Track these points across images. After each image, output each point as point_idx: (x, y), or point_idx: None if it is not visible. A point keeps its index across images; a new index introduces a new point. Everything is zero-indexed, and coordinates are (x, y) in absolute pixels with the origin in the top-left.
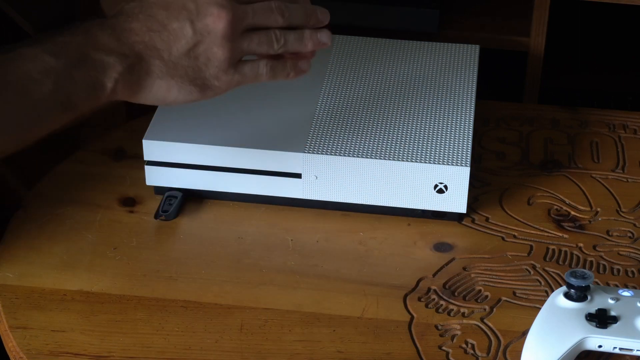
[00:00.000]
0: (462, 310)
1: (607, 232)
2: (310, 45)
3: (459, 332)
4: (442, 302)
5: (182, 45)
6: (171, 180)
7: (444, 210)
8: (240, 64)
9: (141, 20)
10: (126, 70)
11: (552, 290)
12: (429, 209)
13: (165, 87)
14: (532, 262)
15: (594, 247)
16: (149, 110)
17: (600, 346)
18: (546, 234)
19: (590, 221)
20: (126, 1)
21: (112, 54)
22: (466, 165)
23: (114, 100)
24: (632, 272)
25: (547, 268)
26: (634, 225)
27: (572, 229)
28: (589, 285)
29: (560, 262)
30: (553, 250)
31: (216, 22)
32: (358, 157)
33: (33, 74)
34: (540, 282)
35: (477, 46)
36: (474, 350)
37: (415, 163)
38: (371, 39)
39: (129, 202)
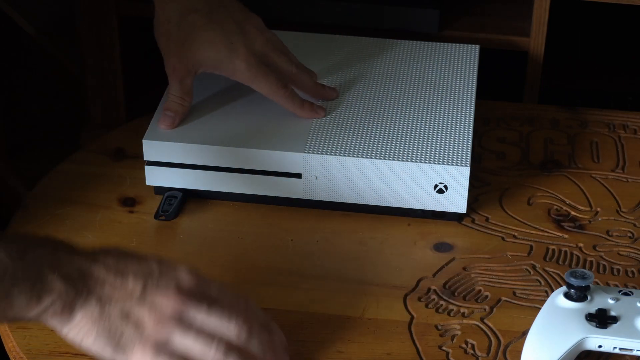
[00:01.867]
0: (462, 310)
1: (607, 232)
2: None
3: (459, 332)
4: (442, 302)
5: (126, 302)
6: (171, 180)
7: (443, 210)
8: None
9: (110, 265)
10: (65, 296)
11: (552, 290)
12: (429, 209)
13: (86, 331)
14: (532, 262)
15: (594, 247)
16: (149, 110)
17: (600, 346)
18: (546, 234)
19: (590, 221)
20: None
21: (65, 281)
22: (466, 165)
23: (35, 321)
24: (632, 272)
25: (547, 268)
26: (634, 225)
27: (572, 229)
28: (589, 285)
29: (560, 262)
30: (553, 250)
31: (164, 302)
32: (358, 157)
33: None
34: (540, 282)
35: (477, 46)
36: (474, 350)
37: (415, 163)
38: (371, 39)
39: (129, 202)
